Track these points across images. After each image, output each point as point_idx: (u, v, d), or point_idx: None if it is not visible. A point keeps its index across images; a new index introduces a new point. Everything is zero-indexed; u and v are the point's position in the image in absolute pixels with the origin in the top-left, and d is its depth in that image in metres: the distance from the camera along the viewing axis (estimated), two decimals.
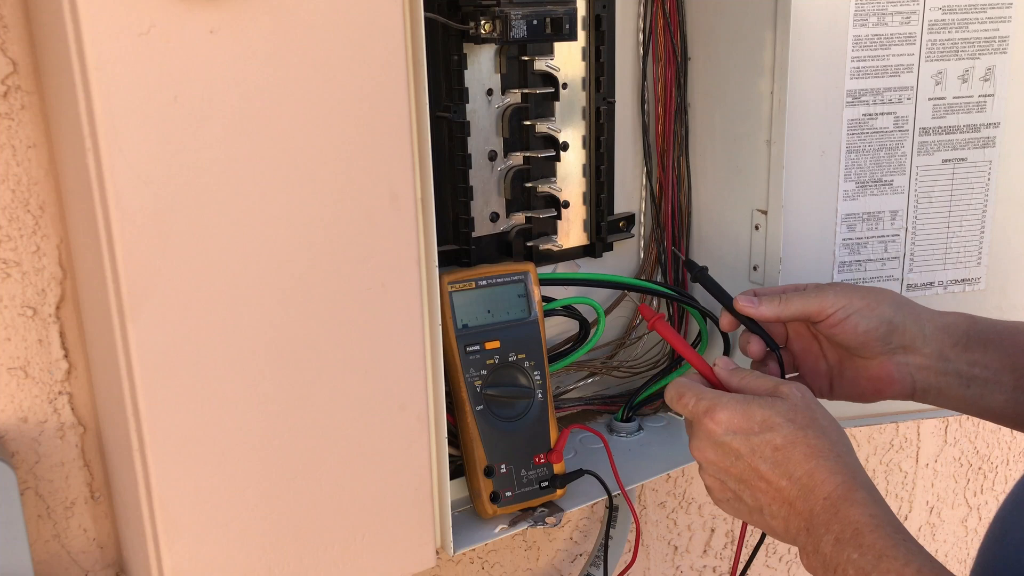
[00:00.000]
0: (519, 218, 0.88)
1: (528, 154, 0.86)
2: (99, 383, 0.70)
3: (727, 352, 0.96)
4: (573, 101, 0.89)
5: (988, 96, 0.89)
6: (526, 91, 0.85)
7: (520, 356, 0.82)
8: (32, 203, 0.68)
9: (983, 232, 0.93)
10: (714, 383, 0.72)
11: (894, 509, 0.89)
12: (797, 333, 0.81)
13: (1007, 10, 0.87)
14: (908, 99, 0.88)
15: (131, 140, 0.55)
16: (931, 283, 0.93)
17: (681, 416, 0.77)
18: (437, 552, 0.74)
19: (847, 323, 0.74)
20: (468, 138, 0.81)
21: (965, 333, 0.74)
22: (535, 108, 0.86)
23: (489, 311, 0.81)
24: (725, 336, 0.95)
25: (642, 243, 1.00)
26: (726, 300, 0.80)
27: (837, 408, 0.96)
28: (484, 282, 0.81)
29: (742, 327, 0.80)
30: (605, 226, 0.92)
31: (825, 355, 0.80)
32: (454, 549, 0.75)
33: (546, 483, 0.83)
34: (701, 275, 0.83)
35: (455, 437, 0.81)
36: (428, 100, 0.66)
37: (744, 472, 0.66)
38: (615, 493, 0.84)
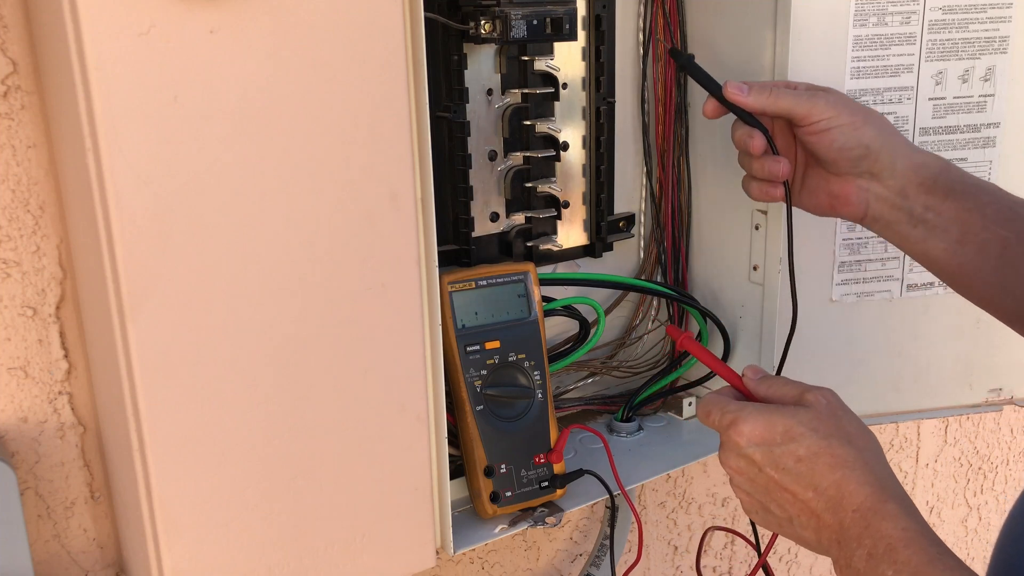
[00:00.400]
0: (519, 218, 0.88)
1: (528, 154, 0.86)
2: (99, 383, 0.70)
3: (727, 351, 0.96)
4: (573, 101, 0.89)
5: (988, 96, 0.89)
6: (526, 91, 0.85)
7: (520, 356, 0.82)
8: (32, 203, 0.68)
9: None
10: (744, 393, 0.71)
11: None
12: (778, 129, 0.79)
13: (1007, 10, 0.87)
14: (908, 99, 0.88)
15: (131, 140, 0.55)
16: (931, 283, 0.93)
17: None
18: (437, 552, 0.74)
19: (826, 135, 0.74)
20: (468, 138, 0.81)
21: (933, 177, 0.74)
22: (535, 108, 0.86)
23: (489, 311, 0.81)
24: (725, 336, 0.95)
25: (642, 243, 1.00)
26: (714, 87, 0.78)
27: None
28: (484, 282, 0.81)
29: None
30: (605, 226, 0.92)
31: (795, 159, 0.80)
32: (454, 549, 0.75)
33: (546, 483, 0.83)
34: (688, 63, 0.81)
35: (455, 437, 0.81)
36: (428, 100, 0.66)
37: (768, 484, 0.65)
38: (615, 493, 0.84)
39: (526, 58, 0.84)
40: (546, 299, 0.86)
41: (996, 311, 0.74)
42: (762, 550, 0.82)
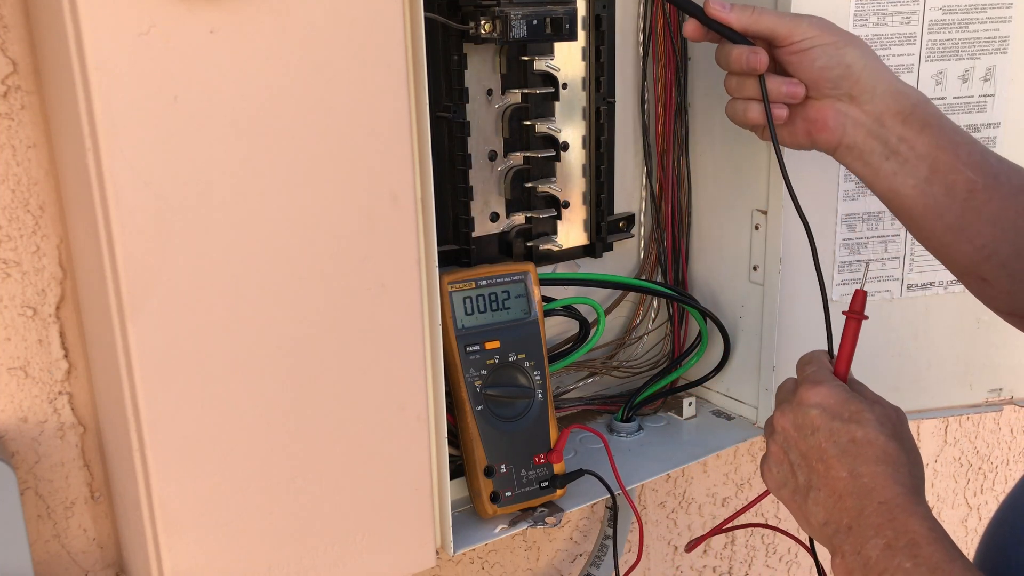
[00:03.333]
0: (519, 218, 0.88)
1: (528, 154, 0.86)
2: (99, 383, 0.70)
3: (727, 351, 0.96)
4: (573, 101, 0.89)
5: (988, 96, 0.89)
6: (526, 91, 0.85)
7: (520, 356, 0.82)
8: (32, 203, 0.68)
9: None
10: (838, 374, 0.72)
11: None
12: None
13: (1007, 10, 0.87)
14: None
15: (131, 140, 0.55)
16: (931, 283, 0.93)
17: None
18: (437, 552, 0.74)
19: (807, 55, 0.73)
20: (468, 138, 0.81)
21: (911, 107, 0.73)
22: (535, 108, 0.86)
23: (489, 311, 0.81)
24: (725, 336, 0.95)
25: (642, 243, 1.00)
26: (696, 9, 0.76)
27: None
28: (484, 282, 0.81)
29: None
30: (605, 226, 0.92)
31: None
32: (454, 549, 0.76)
33: (546, 483, 0.83)
34: None
35: (455, 437, 0.81)
36: (428, 100, 0.66)
37: (810, 449, 0.65)
38: (616, 493, 0.84)
39: (526, 58, 0.84)
40: (546, 299, 0.86)
41: (952, 259, 0.73)
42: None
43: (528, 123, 0.86)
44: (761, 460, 0.70)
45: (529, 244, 0.88)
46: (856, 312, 0.72)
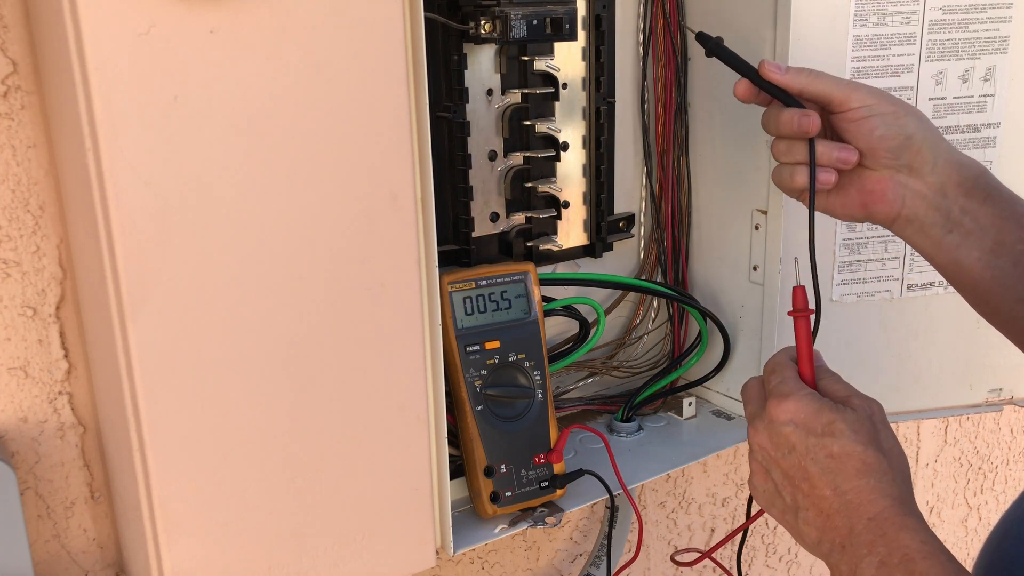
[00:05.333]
0: (519, 218, 0.88)
1: (528, 154, 0.86)
2: (99, 383, 0.70)
3: (727, 351, 0.96)
4: (573, 101, 0.89)
5: (988, 96, 0.89)
6: (526, 91, 0.85)
7: (520, 356, 0.82)
8: (32, 203, 0.68)
9: None
10: (804, 378, 0.70)
11: None
12: None
13: (1007, 10, 0.87)
14: (908, 99, 0.88)
15: (131, 140, 0.55)
16: (931, 283, 0.93)
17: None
18: (437, 552, 0.74)
19: (866, 123, 0.70)
20: (468, 138, 0.81)
21: (974, 178, 0.70)
22: (535, 108, 0.86)
23: (489, 311, 0.81)
24: (725, 336, 0.95)
25: (642, 243, 1.00)
26: (748, 69, 0.74)
27: None
28: (484, 282, 0.81)
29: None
30: (605, 226, 0.92)
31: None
32: (454, 549, 0.75)
33: (546, 483, 0.83)
34: (717, 47, 0.75)
35: (455, 437, 0.81)
36: (428, 100, 0.66)
37: (791, 468, 0.64)
38: (616, 493, 0.84)
39: (526, 58, 0.84)
40: (546, 299, 0.86)
41: (1018, 335, 0.71)
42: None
43: (528, 123, 0.86)
44: (748, 480, 0.68)
45: (529, 244, 0.88)
46: (800, 309, 0.70)
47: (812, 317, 0.70)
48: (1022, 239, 0.69)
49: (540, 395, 0.82)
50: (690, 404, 0.99)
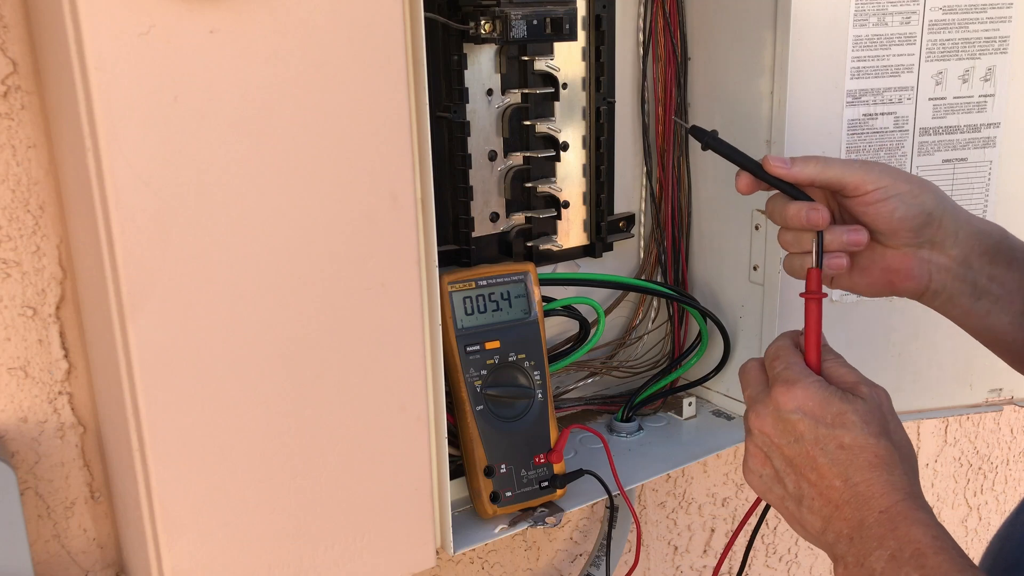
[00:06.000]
0: (519, 218, 0.88)
1: (528, 154, 0.86)
2: (99, 383, 0.70)
3: (727, 351, 0.96)
4: (573, 101, 0.89)
5: (988, 96, 0.89)
6: (526, 91, 0.85)
7: (520, 356, 0.82)
8: (32, 203, 0.68)
9: None
10: (810, 364, 0.68)
11: None
12: (819, 201, 0.73)
13: (1007, 10, 0.87)
14: (908, 99, 0.88)
15: (131, 140, 0.55)
16: None
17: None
18: (437, 552, 0.74)
19: (884, 204, 0.69)
20: (468, 138, 0.81)
21: (996, 244, 0.70)
22: (535, 108, 0.86)
23: (489, 311, 0.81)
24: (725, 336, 0.95)
25: (642, 243, 1.00)
26: (749, 162, 0.72)
27: None
28: (484, 282, 0.81)
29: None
30: (605, 226, 0.92)
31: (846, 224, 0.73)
32: (454, 549, 0.75)
33: (546, 483, 0.83)
34: (713, 140, 0.73)
35: (455, 437, 0.81)
36: (428, 100, 0.66)
37: (798, 457, 0.62)
38: (615, 493, 0.84)
39: (526, 58, 0.84)
40: (546, 299, 0.86)
41: None
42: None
43: (528, 123, 0.86)
44: (743, 462, 0.67)
45: (529, 244, 0.88)
46: (813, 292, 0.68)
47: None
48: None
49: (540, 395, 0.82)
50: (690, 404, 0.99)
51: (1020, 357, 0.72)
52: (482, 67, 0.83)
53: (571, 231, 0.92)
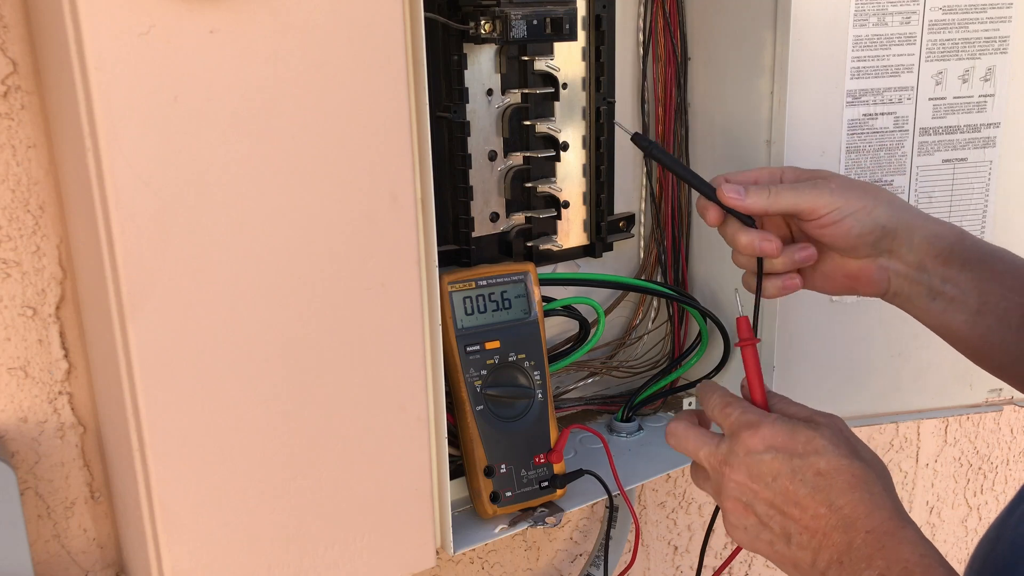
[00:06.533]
0: (519, 218, 0.88)
1: (528, 154, 0.86)
2: (99, 383, 0.70)
3: (727, 351, 0.96)
4: (573, 101, 0.89)
5: (988, 96, 0.89)
6: (526, 91, 0.85)
7: (520, 356, 0.82)
8: (32, 203, 0.68)
9: (983, 232, 0.93)
10: (757, 405, 0.70)
11: None
12: (771, 222, 0.77)
13: (1007, 10, 0.87)
14: (908, 99, 0.88)
15: (131, 140, 0.55)
16: None
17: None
18: (437, 552, 0.74)
19: (840, 225, 0.72)
20: (468, 138, 0.81)
21: (949, 247, 0.72)
22: (535, 108, 0.86)
23: (489, 311, 0.81)
24: (725, 336, 0.95)
25: (642, 243, 1.00)
26: (708, 191, 0.74)
27: (839, 406, 0.96)
28: (484, 282, 0.81)
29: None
30: (605, 226, 0.92)
31: (796, 243, 0.76)
32: (454, 549, 0.76)
33: (546, 483, 0.83)
34: (657, 151, 0.75)
35: (455, 437, 0.81)
36: (428, 100, 0.66)
37: (777, 497, 0.62)
38: (615, 493, 0.84)
39: (526, 58, 0.84)
40: (546, 299, 0.86)
41: (1019, 382, 0.73)
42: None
43: (528, 123, 0.86)
44: (723, 522, 0.67)
45: (529, 244, 0.88)
46: (746, 339, 0.71)
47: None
48: (1004, 296, 0.71)
49: (540, 395, 0.82)
50: (690, 404, 0.99)
51: (977, 354, 0.74)
52: (482, 67, 0.83)
53: (571, 231, 0.92)
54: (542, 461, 0.82)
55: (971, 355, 0.74)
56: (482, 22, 0.76)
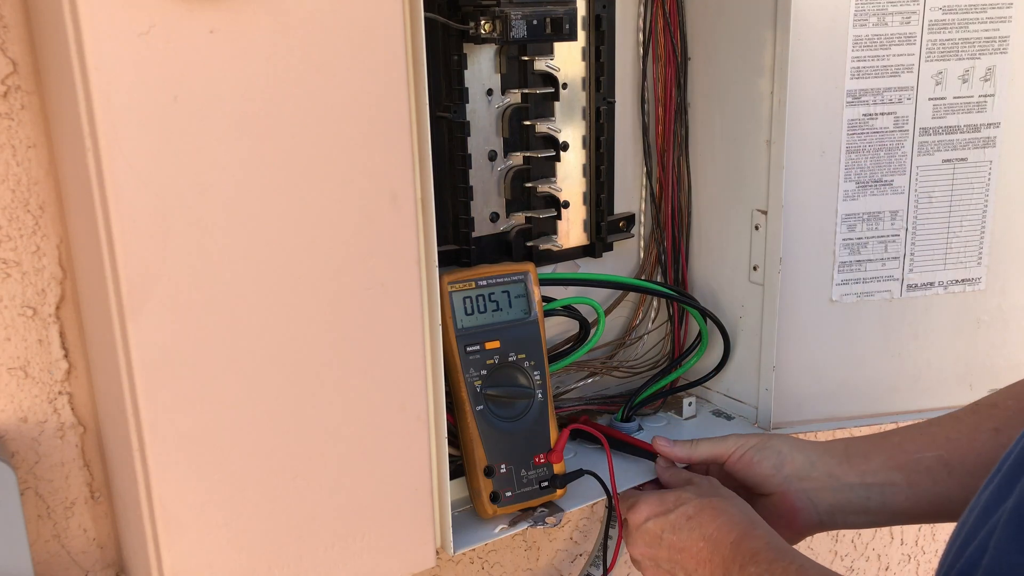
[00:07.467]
0: (519, 218, 0.88)
1: (528, 154, 0.86)
2: (99, 383, 0.70)
3: (727, 351, 0.96)
4: (573, 101, 0.89)
5: (988, 96, 0.89)
6: (526, 91, 0.85)
7: (520, 356, 0.82)
8: (32, 203, 0.68)
9: (983, 232, 0.93)
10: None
11: None
12: (700, 469, 0.87)
13: (1007, 10, 0.87)
14: (908, 99, 0.88)
15: (131, 140, 0.55)
16: (931, 283, 0.93)
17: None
18: (437, 552, 0.74)
19: (744, 458, 0.82)
20: (468, 138, 0.81)
21: (844, 450, 0.80)
22: (535, 108, 0.86)
23: (489, 311, 0.81)
24: (725, 336, 0.95)
25: (642, 243, 1.00)
26: (647, 454, 0.88)
27: (839, 406, 0.97)
28: (484, 282, 0.81)
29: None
30: (605, 226, 0.92)
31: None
32: (454, 549, 0.76)
33: (546, 483, 0.82)
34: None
35: (455, 437, 0.81)
36: (428, 100, 0.66)
37: (667, 552, 0.74)
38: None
39: (526, 58, 0.84)
40: (546, 299, 0.86)
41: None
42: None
43: (528, 123, 0.86)
44: None
45: (529, 244, 0.88)
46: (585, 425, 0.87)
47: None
48: (919, 454, 0.77)
49: (540, 395, 0.82)
50: (690, 404, 0.99)
51: (942, 515, 0.77)
52: (482, 67, 0.83)
53: (571, 231, 0.92)
54: (542, 461, 0.82)
55: (937, 519, 0.78)
56: (482, 22, 0.76)
